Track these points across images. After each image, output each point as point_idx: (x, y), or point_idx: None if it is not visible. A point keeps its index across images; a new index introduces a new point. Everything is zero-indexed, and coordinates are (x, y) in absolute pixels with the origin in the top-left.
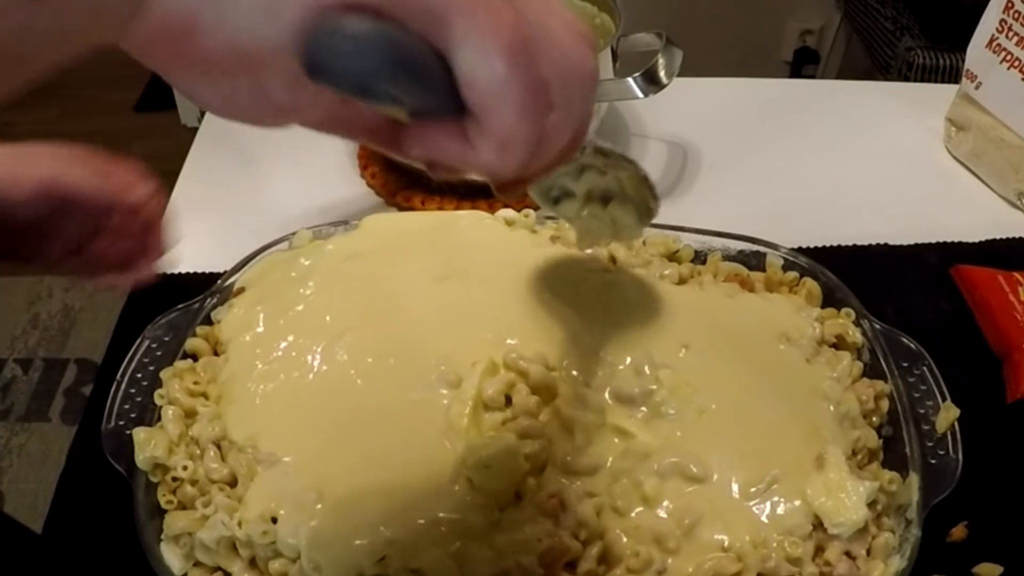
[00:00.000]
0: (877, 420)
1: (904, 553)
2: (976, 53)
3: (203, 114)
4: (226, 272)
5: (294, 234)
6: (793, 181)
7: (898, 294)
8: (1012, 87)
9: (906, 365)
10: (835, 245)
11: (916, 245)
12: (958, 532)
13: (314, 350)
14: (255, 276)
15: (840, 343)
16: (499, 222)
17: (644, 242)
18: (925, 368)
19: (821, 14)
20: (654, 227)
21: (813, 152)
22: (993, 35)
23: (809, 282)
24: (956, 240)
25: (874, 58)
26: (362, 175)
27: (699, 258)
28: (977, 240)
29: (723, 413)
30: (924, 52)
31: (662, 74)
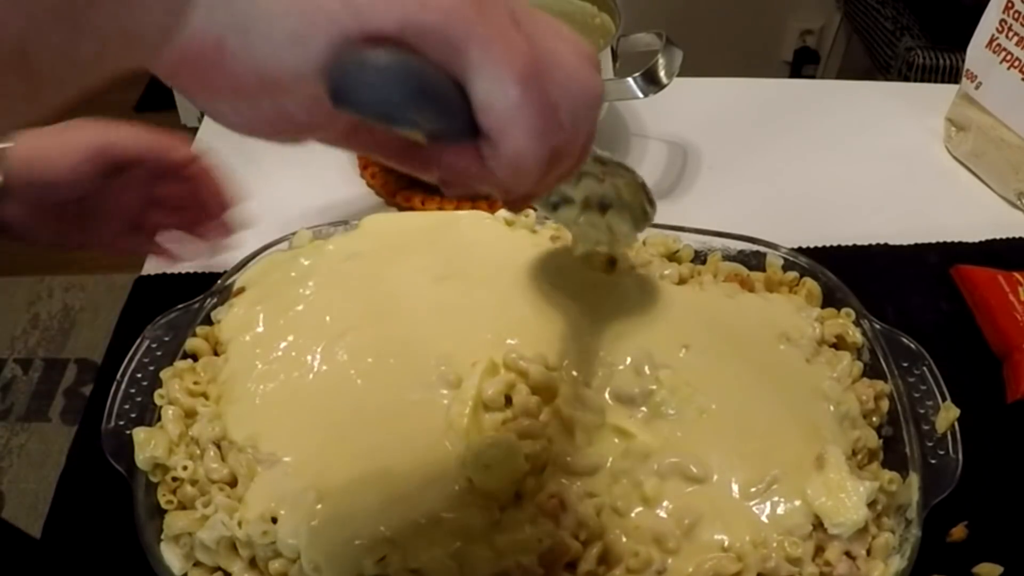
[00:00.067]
0: (877, 420)
1: (904, 553)
2: (976, 53)
3: (203, 115)
4: (226, 272)
5: (294, 234)
6: (793, 181)
7: (898, 294)
8: (1012, 87)
9: (906, 365)
10: (835, 245)
11: (916, 245)
12: (958, 532)
13: (314, 350)
14: (255, 276)
15: (840, 343)
16: (499, 222)
17: (644, 242)
18: (925, 368)
19: (821, 14)
20: (654, 227)
21: (813, 152)
22: (993, 35)
23: (809, 282)
24: (956, 240)
25: (874, 58)
26: (362, 175)
27: (699, 258)
28: (977, 240)
29: (723, 413)
30: (924, 52)
31: (662, 74)
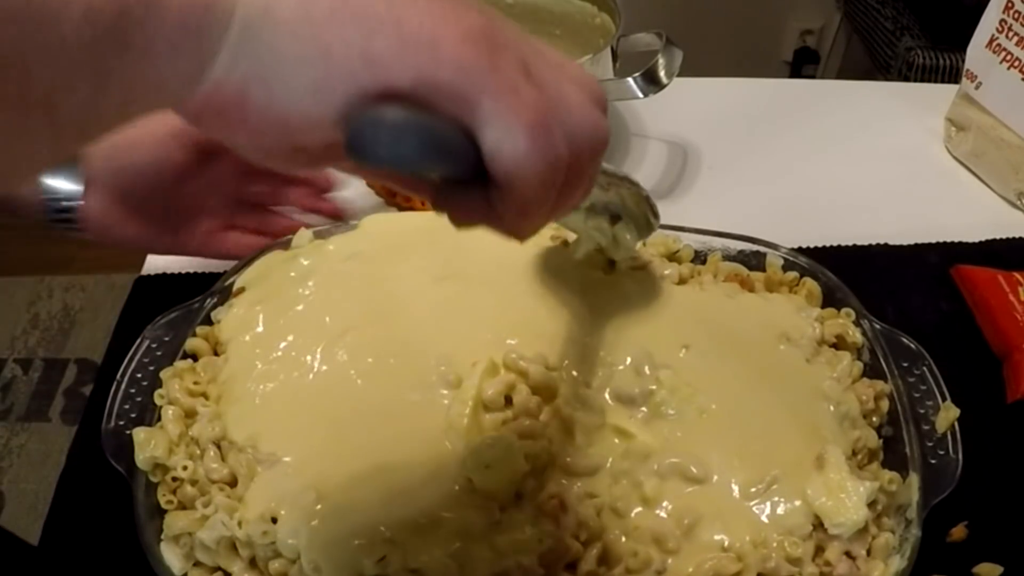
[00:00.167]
0: (877, 420)
1: (904, 553)
2: (976, 53)
3: None
4: (226, 272)
5: (294, 234)
6: (793, 181)
7: (898, 294)
8: (1012, 87)
9: (906, 365)
10: (835, 245)
11: (916, 245)
12: (958, 532)
13: (314, 350)
14: (255, 276)
15: (840, 343)
16: None
17: (644, 242)
18: (925, 368)
19: (821, 14)
20: None
21: (813, 152)
22: (993, 35)
23: (809, 282)
24: (956, 240)
25: (874, 58)
26: None
27: (699, 258)
28: (977, 240)
29: (723, 413)
30: (924, 52)
31: (662, 74)
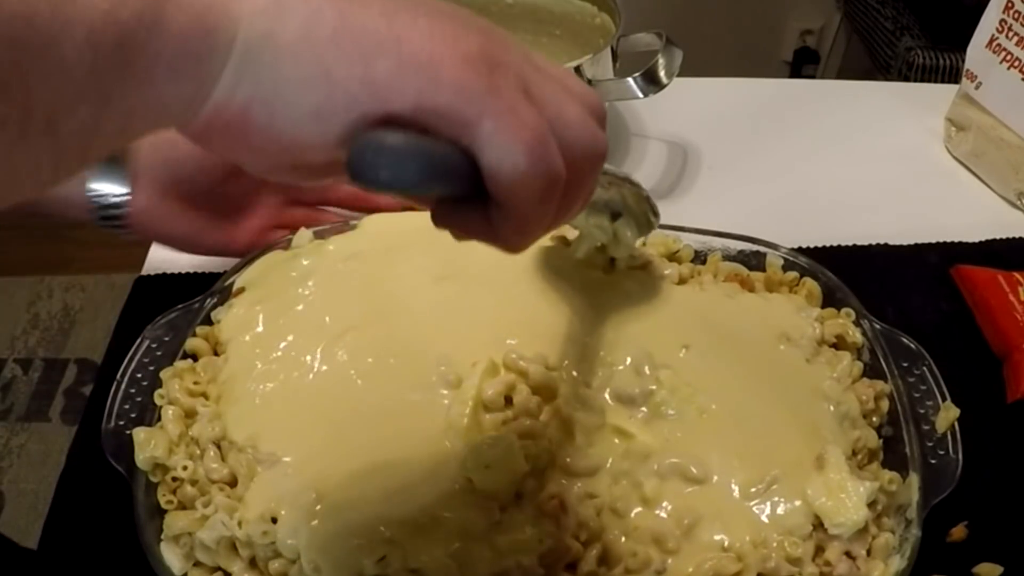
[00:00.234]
0: (877, 420)
1: (904, 553)
2: (976, 53)
3: None
4: (226, 272)
5: (294, 234)
6: (793, 181)
7: (898, 294)
8: (1012, 87)
9: (906, 365)
10: (835, 245)
11: (916, 245)
12: (958, 532)
13: (314, 350)
14: (255, 276)
15: (840, 343)
16: None
17: (644, 242)
18: (925, 368)
19: (821, 14)
20: None
21: (813, 152)
22: (993, 35)
23: (809, 282)
24: (956, 240)
25: (874, 58)
26: None
27: (699, 258)
28: (977, 240)
29: (723, 413)
30: (924, 52)
31: (662, 74)
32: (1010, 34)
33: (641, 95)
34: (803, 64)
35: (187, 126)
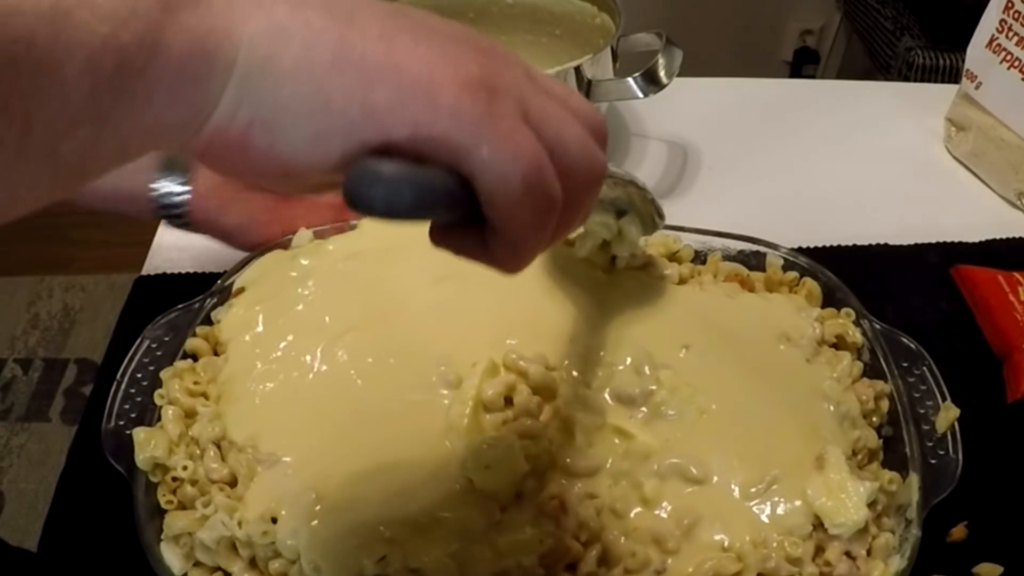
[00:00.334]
0: (877, 420)
1: (904, 553)
2: (976, 53)
3: None
4: (226, 272)
5: (294, 234)
6: (793, 181)
7: (898, 294)
8: (1012, 87)
9: (906, 365)
10: (835, 245)
11: (916, 245)
12: (958, 532)
13: (314, 350)
14: (255, 276)
15: (840, 343)
16: None
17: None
18: (925, 368)
19: (821, 14)
20: None
21: (813, 152)
22: (993, 35)
23: (809, 282)
24: (956, 240)
25: (874, 58)
26: None
27: (699, 258)
28: (977, 240)
29: (723, 413)
30: (924, 52)
31: (662, 74)
32: (1010, 34)
33: (641, 95)
34: (803, 64)
35: (187, 145)
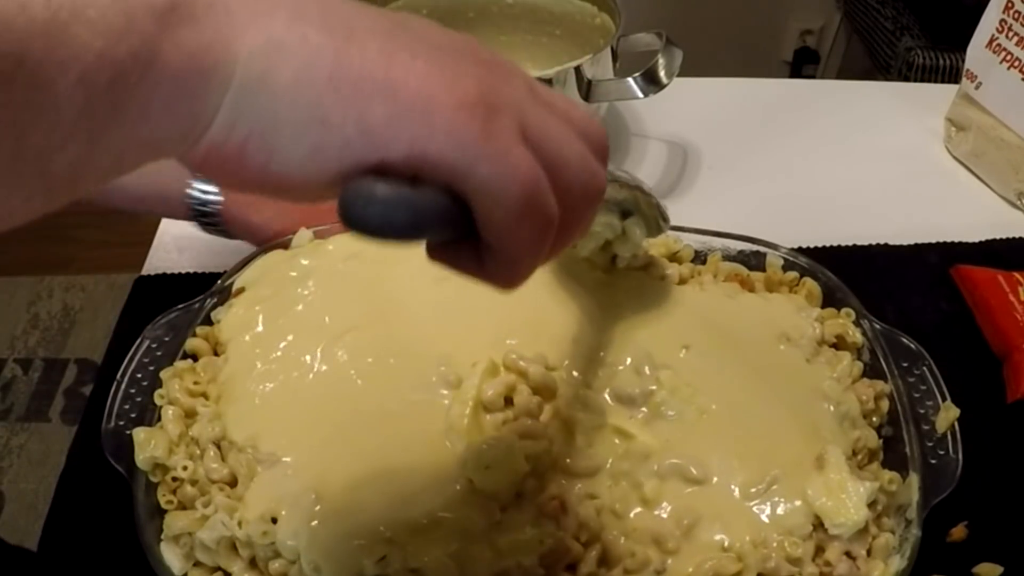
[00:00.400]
0: (877, 420)
1: (904, 553)
2: (976, 53)
3: None
4: (226, 272)
5: (294, 234)
6: (793, 181)
7: (898, 294)
8: (1012, 87)
9: (906, 365)
10: (835, 245)
11: (916, 245)
12: (958, 532)
13: (314, 350)
14: (255, 276)
15: (840, 343)
16: None
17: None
18: (925, 368)
19: (821, 14)
20: None
21: (813, 152)
22: (993, 35)
23: (809, 282)
24: (956, 240)
25: (874, 58)
26: None
27: (699, 258)
28: (977, 240)
29: (723, 414)
30: (924, 52)
31: (662, 74)
32: (1010, 34)
33: (641, 95)
34: (803, 64)
35: (184, 158)
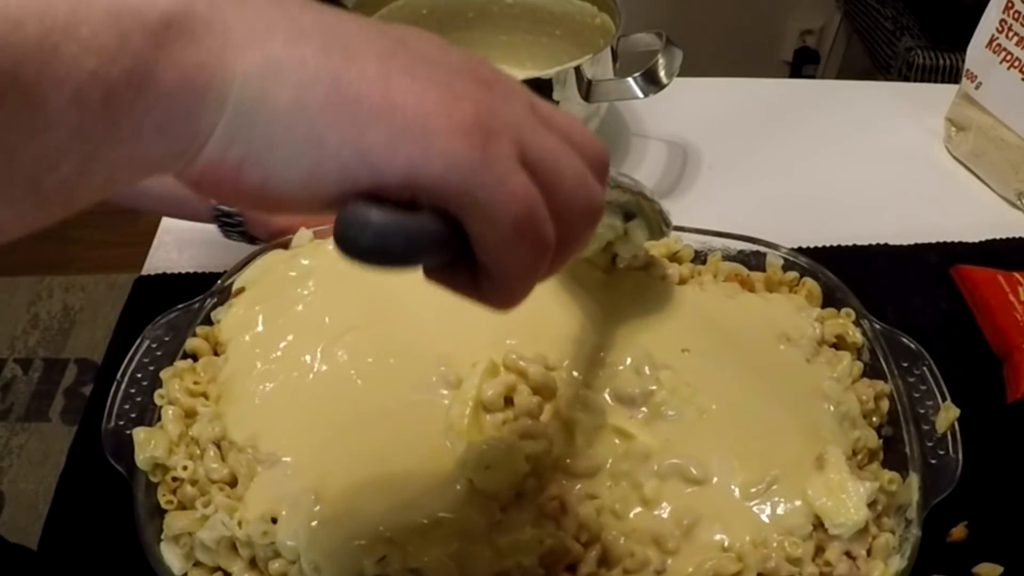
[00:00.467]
0: (877, 420)
1: (904, 553)
2: (976, 53)
3: None
4: (226, 272)
5: (294, 234)
6: (793, 181)
7: (898, 294)
8: (1012, 87)
9: (906, 365)
10: (835, 245)
11: (916, 245)
12: (958, 532)
13: (314, 350)
14: (255, 276)
15: (840, 343)
16: None
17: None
18: (925, 368)
19: (821, 14)
20: None
21: (813, 152)
22: (993, 35)
23: (809, 282)
24: (956, 240)
25: (874, 58)
26: None
27: (699, 258)
28: (977, 240)
29: (723, 414)
30: (924, 52)
31: (662, 74)
32: (1010, 34)
33: (641, 95)
34: (803, 64)
35: (179, 176)
